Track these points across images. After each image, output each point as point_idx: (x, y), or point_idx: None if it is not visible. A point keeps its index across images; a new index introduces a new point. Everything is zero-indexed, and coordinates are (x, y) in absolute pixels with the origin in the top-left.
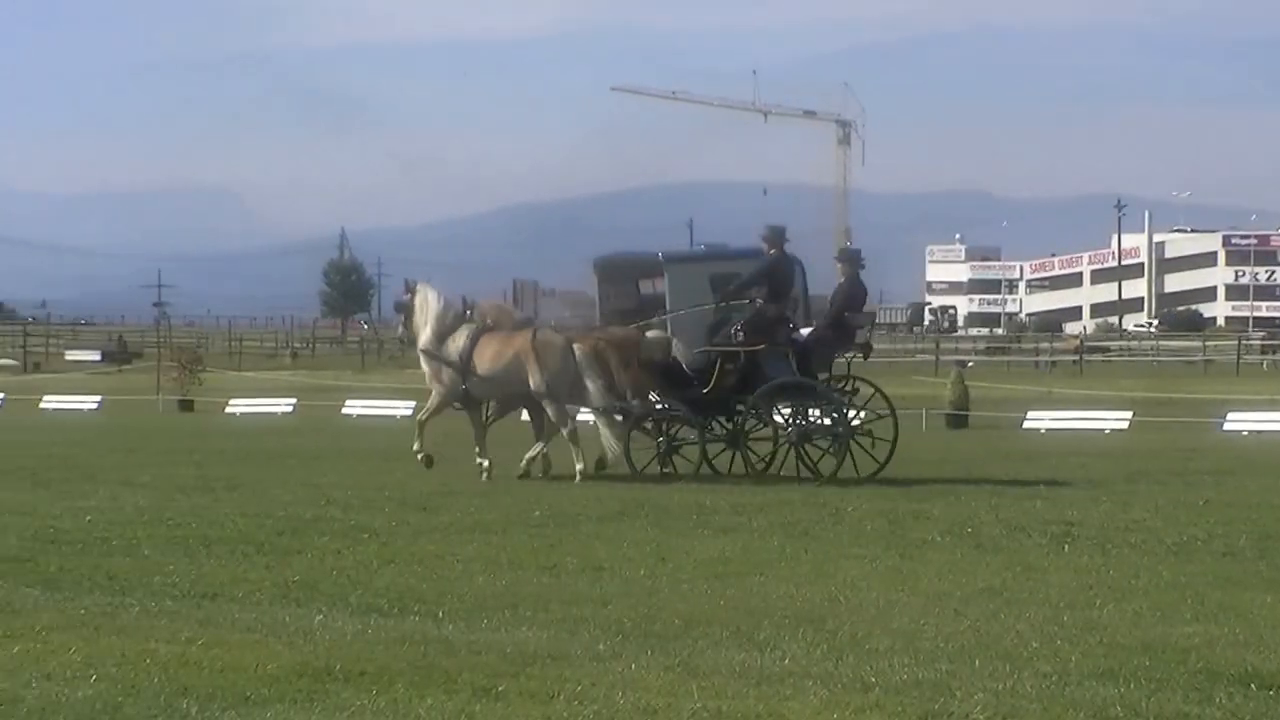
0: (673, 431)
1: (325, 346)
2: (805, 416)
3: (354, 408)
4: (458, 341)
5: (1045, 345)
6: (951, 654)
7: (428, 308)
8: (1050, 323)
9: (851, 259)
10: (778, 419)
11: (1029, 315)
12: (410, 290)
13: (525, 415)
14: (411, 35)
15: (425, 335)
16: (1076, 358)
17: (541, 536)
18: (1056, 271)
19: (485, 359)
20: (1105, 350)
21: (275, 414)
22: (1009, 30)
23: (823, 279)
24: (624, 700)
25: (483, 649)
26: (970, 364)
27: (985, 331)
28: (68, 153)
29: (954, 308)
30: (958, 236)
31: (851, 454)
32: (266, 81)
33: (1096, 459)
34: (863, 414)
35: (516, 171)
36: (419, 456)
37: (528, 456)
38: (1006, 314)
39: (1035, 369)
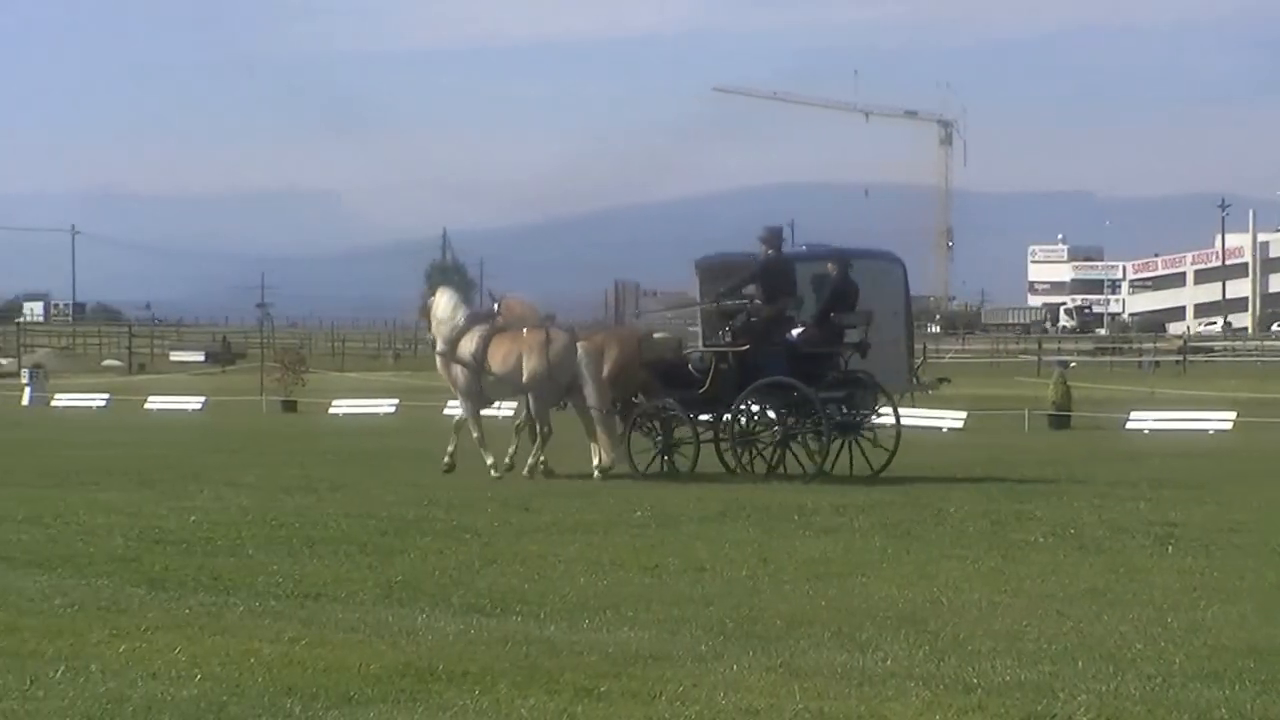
0: (672, 430)
1: (427, 347)
2: (794, 417)
3: (456, 409)
4: (471, 342)
5: (1148, 346)
6: (1054, 655)
7: (441, 311)
8: (1153, 323)
9: (838, 258)
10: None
11: (1131, 316)
12: (430, 294)
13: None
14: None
15: (441, 338)
16: (1180, 358)
17: (643, 537)
18: (1159, 271)
19: (497, 359)
20: (1209, 351)
21: (378, 415)
22: (1111, 29)
23: (922, 280)
24: (726, 701)
25: (585, 649)
26: (1073, 364)
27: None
28: (170, 155)
29: (1090, 306)
30: (1060, 236)
31: (863, 451)
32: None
33: (1200, 460)
34: (867, 414)
35: (617, 172)
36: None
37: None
38: (1109, 314)
39: (1138, 369)
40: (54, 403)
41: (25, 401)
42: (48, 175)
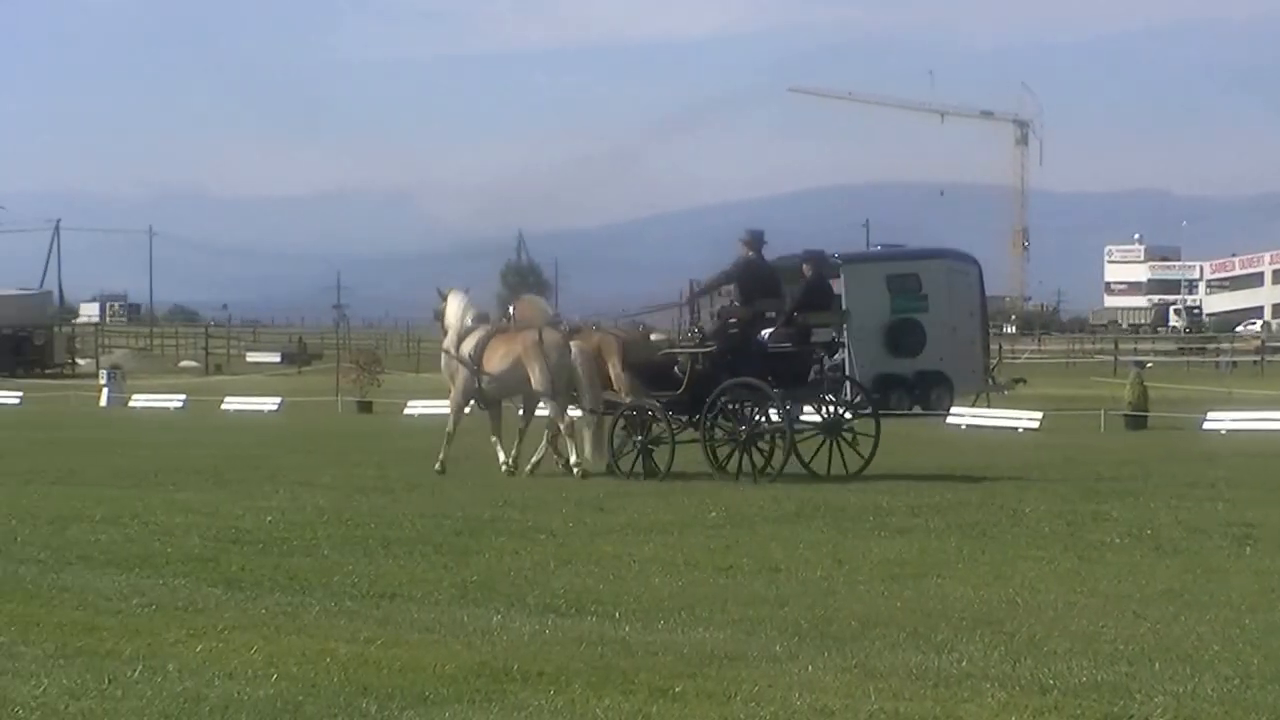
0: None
1: None
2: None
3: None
4: (471, 343)
5: (1226, 345)
6: (1131, 656)
7: (450, 314)
8: (1230, 323)
9: (812, 259)
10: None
11: (1209, 315)
12: (443, 298)
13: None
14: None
15: (448, 338)
16: (1258, 358)
17: (718, 537)
18: (1237, 271)
19: (494, 360)
20: None
21: None
22: (1186, 27)
23: (998, 280)
24: (801, 701)
25: (659, 649)
26: (1149, 364)
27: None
28: (248, 157)
29: (1199, 306)
30: (1137, 236)
31: (841, 452)
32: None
33: (1278, 460)
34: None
35: (693, 173)
36: (436, 466)
37: (535, 459)
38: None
39: (1215, 369)
40: (131, 403)
41: (103, 402)
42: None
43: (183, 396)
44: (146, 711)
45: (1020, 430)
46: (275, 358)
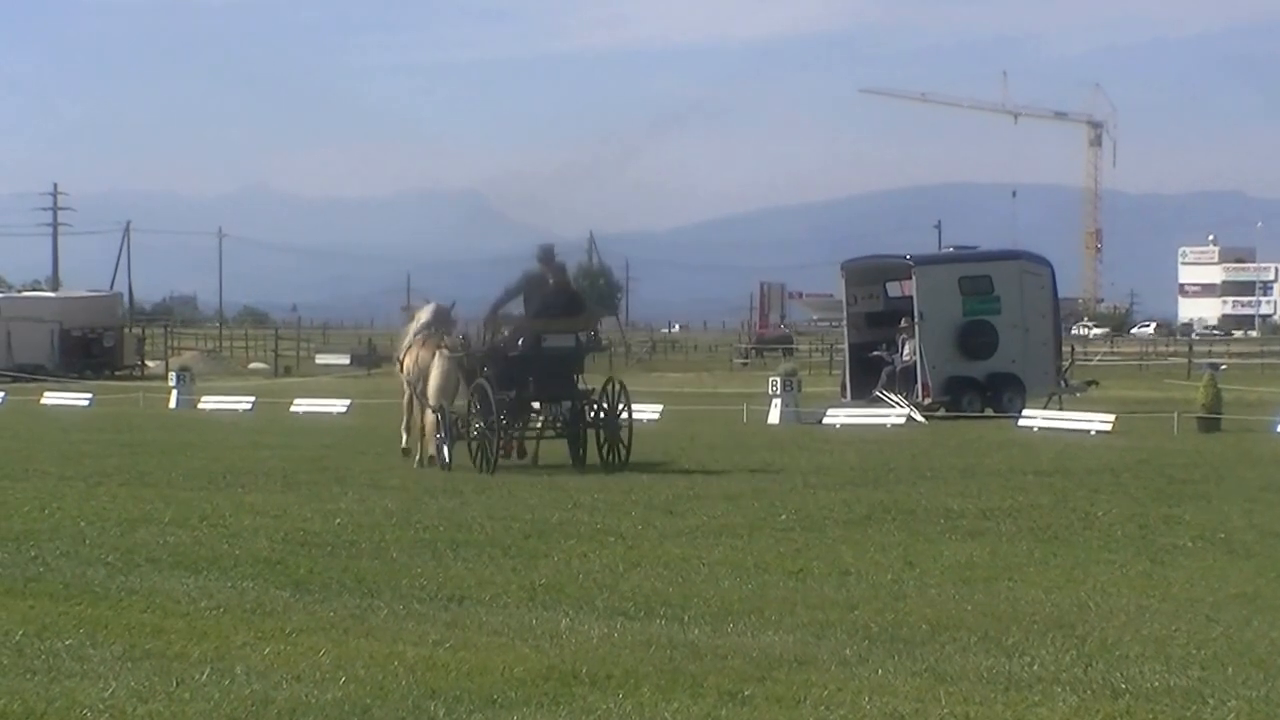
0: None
1: None
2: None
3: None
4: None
5: None
6: (1204, 661)
7: (416, 322)
8: None
9: (544, 256)
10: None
11: None
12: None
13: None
14: (652, 39)
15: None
16: None
17: (788, 541)
18: None
19: (408, 363)
20: None
21: None
22: (1264, 25)
23: (1071, 282)
24: (871, 706)
25: (729, 653)
26: (1224, 367)
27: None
28: (319, 159)
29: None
30: (1210, 238)
31: (600, 447)
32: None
33: None
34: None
35: (765, 175)
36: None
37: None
38: (1260, 316)
39: None
40: (200, 405)
41: (172, 404)
42: (198, 178)
43: (251, 398)
44: (214, 714)
45: (1092, 433)
46: (344, 359)
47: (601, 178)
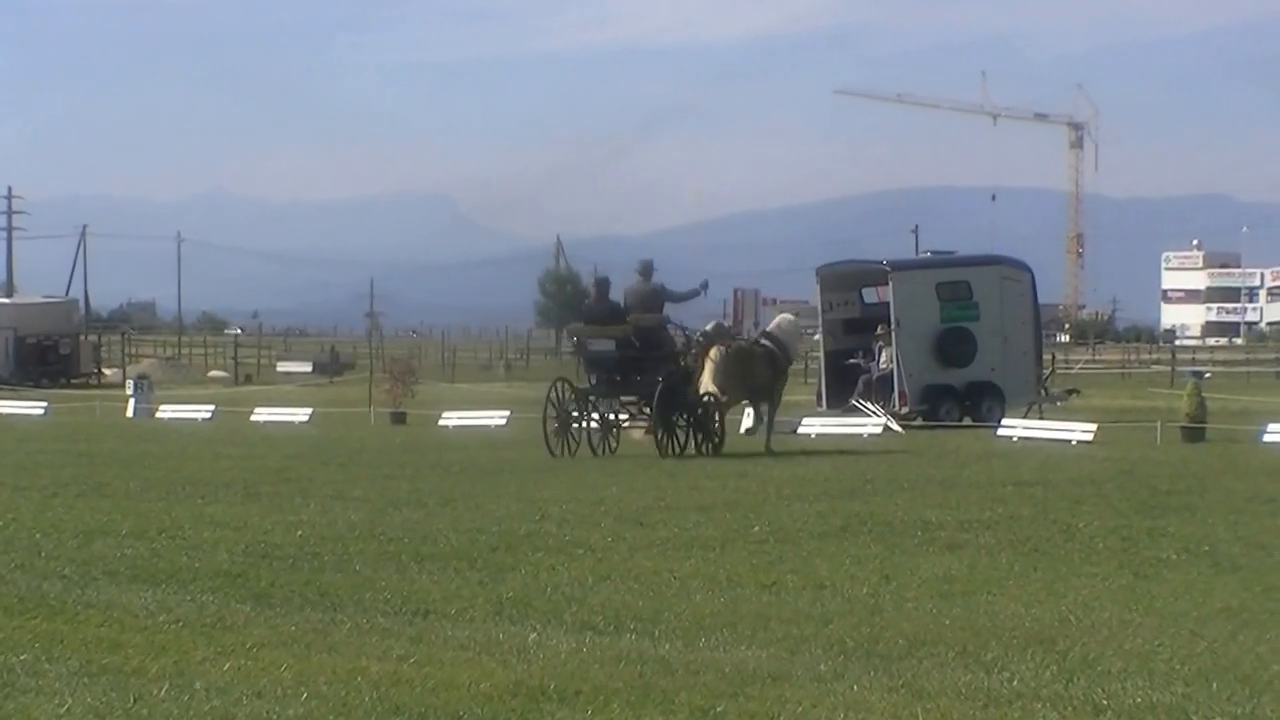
0: None
1: (540, 358)
2: None
3: None
4: None
5: None
6: (1188, 677)
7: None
8: None
9: (599, 282)
10: None
11: (1269, 324)
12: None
13: None
14: (623, 39)
15: None
16: None
17: (761, 553)
18: None
19: None
20: None
21: (489, 427)
22: (1248, 28)
23: (1050, 288)
24: None
25: (701, 669)
26: (1208, 375)
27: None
28: (285, 162)
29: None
30: (1195, 242)
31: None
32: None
33: None
34: None
35: (740, 178)
36: None
37: None
38: (1246, 323)
39: (1277, 380)
40: (159, 414)
41: (130, 413)
42: (156, 182)
43: (211, 407)
44: None
45: (1074, 442)
46: (306, 367)
47: (575, 181)
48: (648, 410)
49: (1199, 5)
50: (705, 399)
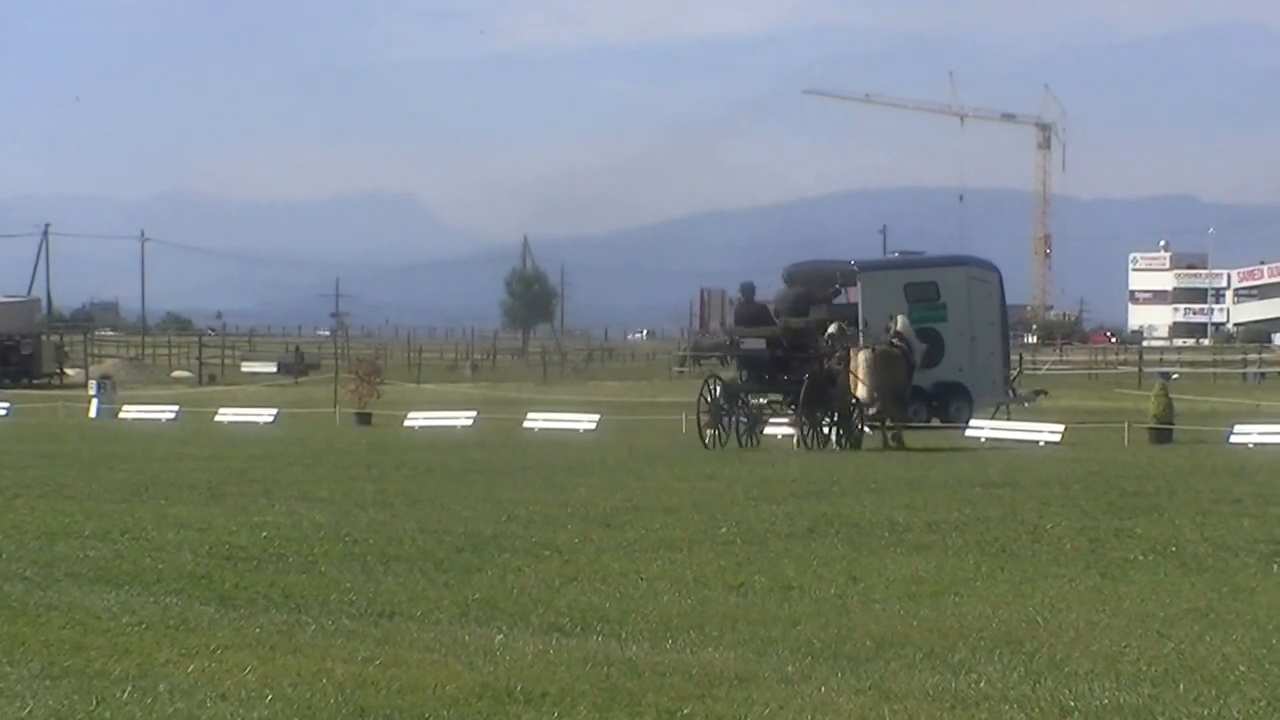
0: None
1: (506, 358)
2: None
3: (536, 421)
4: None
5: (1254, 357)
6: (1155, 678)
7: None
8: (1259, 333)
9: (744, 289)
10: None
11: (1236, 325)
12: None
13: None
14: (609, 40)
15: None
16: None
17: (729, 554)
18: (1266, 280)
19: None
20: None
21: (455, 427)
22: (1214, 31)
23: (1018, 289)
24: None
25: (668, 670)
26: (1175, 376)
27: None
28: (246, 159)
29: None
30: (1162, 244)
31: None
32: (466, 84)
33: None
34: None
35: (704, 177)
36: None
37: None
38: (1214, 324)
39: (1243, 382)
40: (122, 415)
41: (93, 413)
42: (121, 181)
43: (175, 408)
44: None
45: (1041, 444)
46: (271, 368)
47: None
48: (792, 408)
49: (1166, 9)
50: (859, 404)
